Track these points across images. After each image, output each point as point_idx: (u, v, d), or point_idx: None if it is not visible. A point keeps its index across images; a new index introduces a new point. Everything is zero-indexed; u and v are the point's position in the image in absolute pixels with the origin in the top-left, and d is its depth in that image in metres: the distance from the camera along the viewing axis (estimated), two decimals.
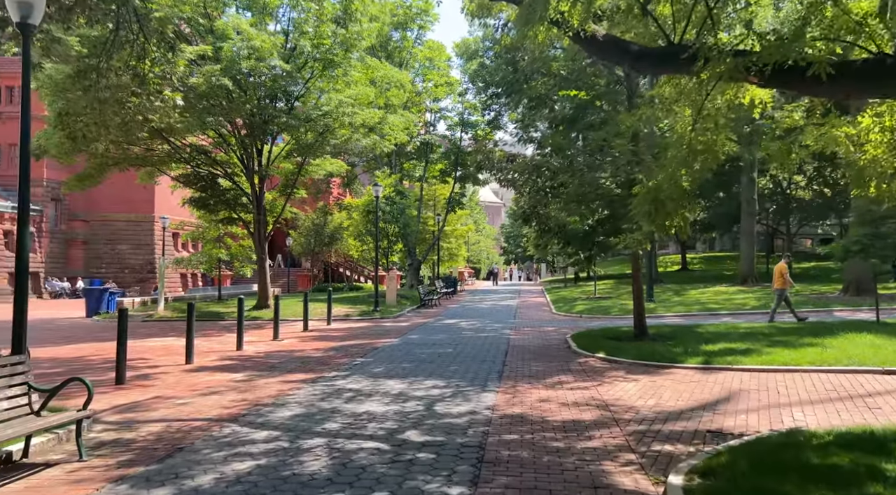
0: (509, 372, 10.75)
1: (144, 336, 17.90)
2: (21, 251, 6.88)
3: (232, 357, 13.26)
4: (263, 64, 18.39)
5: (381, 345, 14.86)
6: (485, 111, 38.73)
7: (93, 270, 45.87)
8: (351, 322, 21.83)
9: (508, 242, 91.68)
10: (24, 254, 6.89)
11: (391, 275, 27.31)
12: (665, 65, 6.55)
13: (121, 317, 9.95)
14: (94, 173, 21.06)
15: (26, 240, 6.91)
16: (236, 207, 24.34)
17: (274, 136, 23.07)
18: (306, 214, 41.39)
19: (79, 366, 12.09)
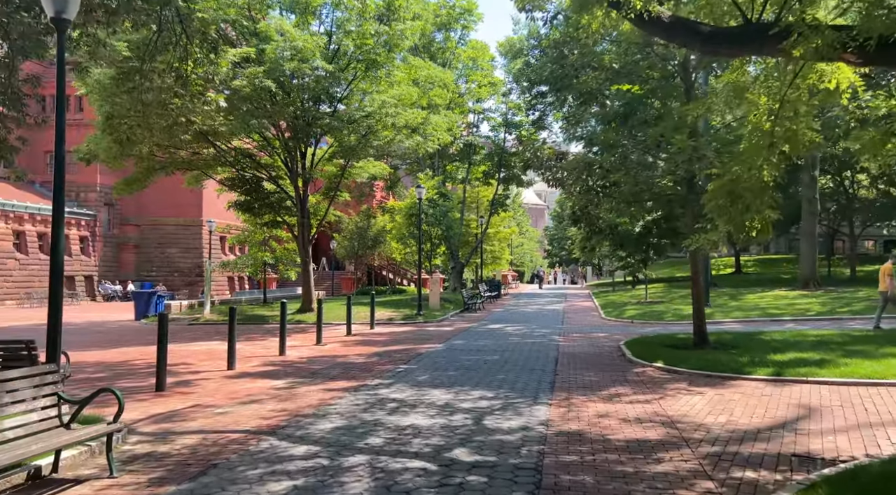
0: (561, 383, 10.12)
1: (190, 339, 17.89)
2: (55, 254, 6.64)
3: (274, 362, 12.99)
4: (306, 65, 18.21)
5: (424, 351, 14.40)
6: (529, 111, 37.95)
7: (143, 273, 46.92)
8: (394, 326, 21.47)
9: (552, 245, 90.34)
10: (59, 257, 6.65)
11: (434, 278, 26.90)
12: (742, 44, 5.87)
13: (161, 322, 9.74)
14: (142, 177, 21.30)
15: (61, 242, 6.67)
16: (280, 210, 24.31)
17: (317, 139, 22.93)
18: (350, 217, 41.42)
19: (123, 370, 12.00)
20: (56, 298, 6.61)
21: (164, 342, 9.66)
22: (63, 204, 6.65)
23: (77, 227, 42.24)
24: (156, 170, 21.16)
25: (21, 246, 37.53)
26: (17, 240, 37.26)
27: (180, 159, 21.42)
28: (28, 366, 7.79)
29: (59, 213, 6.61)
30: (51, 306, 6.60)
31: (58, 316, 6.61)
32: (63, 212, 6.65)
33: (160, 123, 12.15)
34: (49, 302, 6.60)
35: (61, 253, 6.69)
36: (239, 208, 24.61)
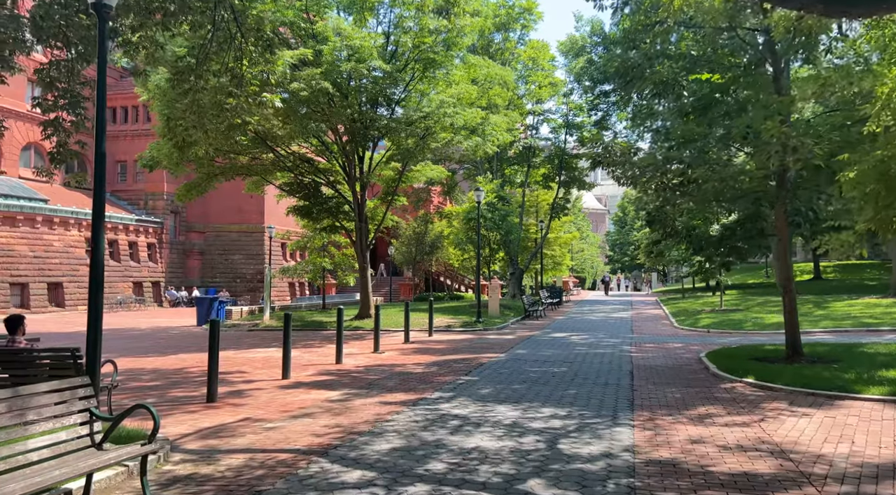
0: (641, 400, 9.11)
1: (248, 346, 17.67)
2: (95, 259, 6.19)
3: (330, 371, 12.46)
4: (364, 65, 17.79)
5: (486, 361, 13.58)
6: (591, 111, 36.71)
7: (208, 279, 47.94)
8: (453, 333, 20.74)
9: (614, 250, 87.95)
10: (99, 263, 6.20)
11: (493, 284, 26.03)
12: None
13: (212, 330, 9.30)
14: (202, 182, 21.40)
15: (101, 244, 6.22)
16: (339, 215, 24.03)
17: (375, 142, 22.53)
18: (407, 223, 41.07)
19: (177, 378, 11.70)
20: (95, 306, 6.17)
21: (215, 351, 9.21)
22: (103, 202, 6.22)
23: (145, 234, 43.52)
24: (215, 175, 21.22)
25: None
26: (88, 247, 38.59)
27: (240, 165, 21.41)
28: (74, 375, 7.44)
29: (98, 213, 6.17)
30: (90, 314, 6.16)
31: (97, 324, 6.17)
32: (103, 212, 6.21)
33: (215, 125, 11.87)
34: (88, 310, 6.17)
35: (101, 258, 6.24)
36: (298, 213, 24.47)
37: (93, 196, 6.21)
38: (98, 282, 6.15)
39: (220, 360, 14.19)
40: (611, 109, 36.23)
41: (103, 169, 6.22)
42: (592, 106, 36.14)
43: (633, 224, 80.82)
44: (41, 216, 34.88)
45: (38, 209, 34.74)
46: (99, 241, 6.19)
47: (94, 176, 6.19)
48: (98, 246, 6.18)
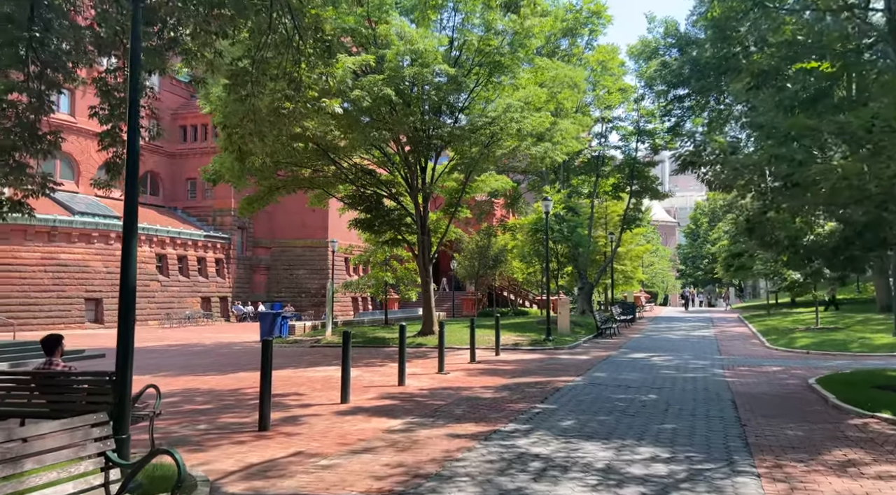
0: (756, 438, 7.68)
1: (308, 363, 16.99)
2: (126, 269, 5.41)
3: (392, 394, 11.49)
4: (428, 69, 16.96)
5: (562, 386, 12.30)
6: (663, 118, 34.87)
7: (273, 294, 48.34)
8: (521, 352, 19.48)
9: (686, 264, 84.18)
10: (130, 271, 5.41)
11: (563, 300, 24.60)
12: None
13: (265, 351, 8.47)
14: (264, 196, 21.08)
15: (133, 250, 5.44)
16: (400, 228, 23.28)
17: (438, 152, 21.69)
18: (470, 236, 40.08)
19: (231, 401, 10.99)
20: (126, 329, 5.37)
21: (267, 373, 8.38)
22: (135, 206, 5.46)
23: (213, 250, 44.25)
24: (277, 188, 20.87)
25: (163, 268, 39.71)
26: (159, 264, 39.46)
27: (301, 177, 20.99)
28: (112, 399, 6.73)
29: (131, 218, 5.40)
30: (120, 338, 5.36)
31: (128, 348, 5.36)
32: (135, 216, 5.45)
33: (272, 132, 11.26)
34: (118, 333, 5.38)
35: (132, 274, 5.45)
36: (360, 226, 23.89)
37: (124, 200, 5.46)
38: (129, 301, 5.37)
39: (277, 380, 13.49)
40: (685, 115, 34.34)
41: (135, 167, 5.47)
42: (665, 111, 34.34)
43: (706, 236, 77.19)
44: (114, 233, 35.83)
45: (112, 226, 35.72)
46: (130, 251, 5.42)
47: (125, 176, 5.45)
48: (129, 256, 5.41)
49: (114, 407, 5.32)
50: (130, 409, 6.52)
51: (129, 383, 5.36)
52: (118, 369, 5.35)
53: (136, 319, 22.05)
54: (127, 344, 5.38)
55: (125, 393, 5.31)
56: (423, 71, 16.93)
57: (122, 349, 5.36)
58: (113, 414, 5.35)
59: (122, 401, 5.27)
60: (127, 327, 5.38)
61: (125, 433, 5.21)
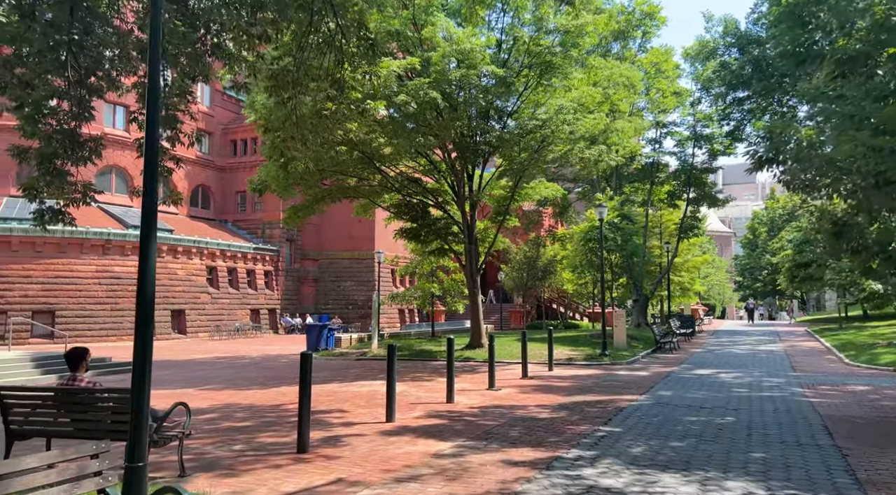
0: (867, 473, 6.58)
1: (354, 377, 16.37)
2: (144, 277, 4.82)
3: (440, 412, 10.71)
4: (474, 71, 16.28)
5: (626, 405, 11.28)
6: (722, 122, 33.33)
7: (321, 306, 48.33)
8: (575, 367, 18.43)
9: (743, 276, 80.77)
10: (148, 279, 4.82)
11: (618, 313, 23.38)
12: None
13: (303, 367, 7.83)
14: (309, 205, 20.73)
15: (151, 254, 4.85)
16: (447, 237, 22.59)
17: (485, 158, 20.94)
18: (518, 247, 39.11)
19: (272, 418, 10.40)
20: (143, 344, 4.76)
21: (306, 392, 7.72)
22: (154, 206, 4.87)
23: (262, 262, 44.54)
24: (322, 198, 20.48)
25: (213, 281, 40.08)
26: (209, 276, 39.85)
27: (347, 186, 20.56)
28: None
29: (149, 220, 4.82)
30: (137, 354, 4.76)
31: (145, 365, 4.75)
32: (154, 217, 4.86)
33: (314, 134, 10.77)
34: (135, 349, 4.78)
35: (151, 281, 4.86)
36: (406, 236, 23.31)
37: (142, 199, 4.88)
38: (146, 311, 4.77)
39: (321, 395, 12.91)
40: (745, 118, 32.74)
41: (155, 163, 4.90)
42: (724, 115, 32.82)
43: (764, 246, 73.96)
44: (166, 246, 36.34)
45: (163, 239, 36.23)
46: (149, 256, 4.83)
47: (143, 173, 4.89)
48: (147, 261, 4.82)
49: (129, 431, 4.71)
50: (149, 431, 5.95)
51: (145, 403, 4.75)
52: (134, 387, 4.75)
53: (187, 330, 21.79)
54: (144, 358, 4.78)
55: (141, 415, 4.69)
56: (470, 73, 16.24)
57: (139, 364, 4.76)
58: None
59: (138, 424, 4.66)
60: (144, 340, 4.79)
61: (141, 460, 4.59)
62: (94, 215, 35.34)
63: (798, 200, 53.02)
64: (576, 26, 17.14)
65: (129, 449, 4.65)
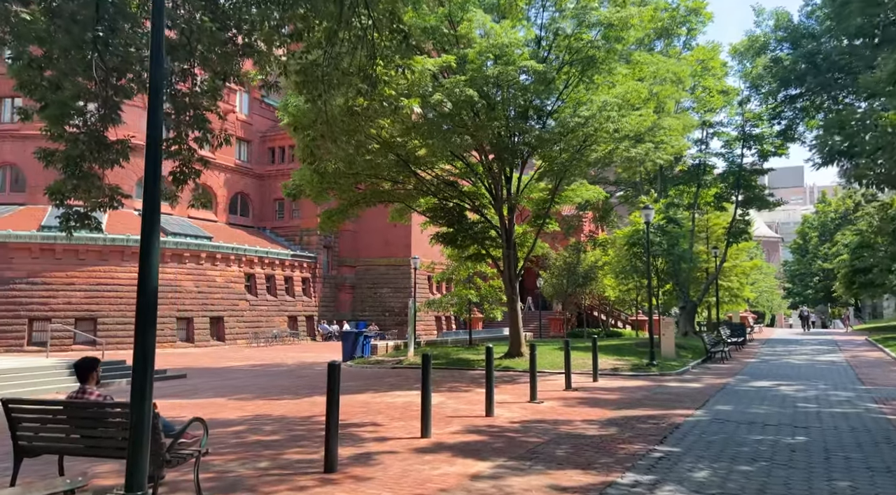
0: None
1: (389, 386, 15.78)
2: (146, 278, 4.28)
3: (479, 427, 9.99)
4: (512, 67, 15.59)
5: (682, 421, 10.37)
6: (772, 121, 31.87)
7: (358, 313, 48.09)
8: (621, 378, 17.46)
9: (793, 282, 77.66)
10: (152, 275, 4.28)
11: (667, 321, 22.26)
12: None
13: (331, 378, 7.23)
14: (344, 209, 20.31)
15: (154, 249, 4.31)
16: (484, 242, 21.87)
17: (524, 160, 20.19)
18: (557, 253, 38.12)
19: (301, 431, 9.85)
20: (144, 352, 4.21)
21: (334, 407, 7.13)
22: (157, 197, 4.33)
23: (300, 269, 44.54)
24: (357, 202, 20.03)
25: (251, 288, 40.17)
26: (247, 283, 39.95)
27: (381, 190, 20.07)
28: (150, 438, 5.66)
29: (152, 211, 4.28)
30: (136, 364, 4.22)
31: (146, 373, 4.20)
32: (157, 208, 4.32)
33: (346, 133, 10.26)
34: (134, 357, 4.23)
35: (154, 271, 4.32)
36: (442, 240, 22.69)
37: (143, 188, 4.34)
38: (147, 314, 4.23)
39: (354, 406, 12.32)
40: (797, 117, 31.28)
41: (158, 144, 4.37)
42: (774, 114, 31.44)
43: (816, 251, 71.04)
44: (205, 253, 36.55)
45: (202, 246, 36.47)
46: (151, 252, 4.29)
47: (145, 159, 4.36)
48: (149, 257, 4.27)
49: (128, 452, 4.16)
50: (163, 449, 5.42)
51: (146, 421, 4.19)
52: (134, 401, 4.20)
53: (225, 337, 21.37)
54: (146, 369, 4.22)
55: (141, 434, 4.13)
56: (508, 69, 15.55)
57: (140, 375, 4.21)
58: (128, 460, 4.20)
59: (138, 445, 4.10)
60: (145, 349, 4.23)
61: (140, 489, 4.02)
62: (135, 223, 35.80)
63: (851, 203, 50.29)
64: (620, 19, 16.30)
65: (128, 476, 4.10)
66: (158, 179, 4.36)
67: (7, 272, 30.55)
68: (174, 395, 14.42)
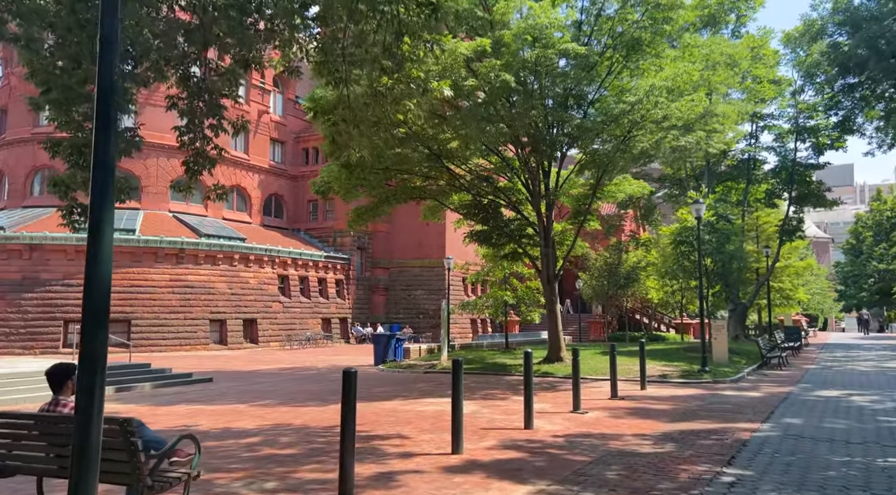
0: None
1: (420, 393, 14.84)
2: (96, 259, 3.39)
3: (517, 442, 8.95)
4: (552, 51, 14.49)
5: (748, 437, 9.14)
6: (829, 112, 29.93)
7: (392, 315, 47.37)
8: (672, 386, 16.16)
9: (846, 284, 74.09)
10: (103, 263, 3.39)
11: (718, 324, 20.77)
12: None
13: (346, 384, 6.28)
14: (374, 207, 19.46)
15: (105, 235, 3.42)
16: (521, 240, 20.74)
17: (563, 153, 19.02)
18: (597, 253, 36.67)
19: (321, 443, 8.96)
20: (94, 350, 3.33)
21: (349, 424, 6.15)
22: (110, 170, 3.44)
23: (333, 271, 44.05)
24: (388, 199, 19.16)
25: (285, 289, 39.79)
26: (281, 285, 39.58)
27: (412, 186, 19.16)
28: (126, 459, 4.80)
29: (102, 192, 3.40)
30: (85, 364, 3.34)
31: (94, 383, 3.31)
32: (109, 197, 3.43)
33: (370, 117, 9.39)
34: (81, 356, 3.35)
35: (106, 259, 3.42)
36: (477, 239, 21.65)
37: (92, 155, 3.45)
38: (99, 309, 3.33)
39: (381, 414, 11.37)
40: (856, 107, 29.30)
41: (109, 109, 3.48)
42: (831, 104, 29.49)
43: (870, 252, 67.60)
44: (238, 254, 36.28)
45: (235, 247, 36.20)
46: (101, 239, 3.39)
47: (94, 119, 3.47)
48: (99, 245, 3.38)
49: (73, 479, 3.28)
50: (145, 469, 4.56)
51: (94, 439, 3.29)
52: (79, 416, 3.31)
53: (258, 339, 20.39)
54: (94, 378, 3.33)
55: (86, 459, 3.24)
56: (547, 52, 14.46)
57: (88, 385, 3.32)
58: None
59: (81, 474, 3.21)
60: (94, 356, 3.34)
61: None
62: (168, 224, 35.77)
63: None
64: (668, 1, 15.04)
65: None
66: (111, 143, 3.47)
67: (43, 274, 30.69)
68: (195, 401, 13.74)
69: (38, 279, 30.58)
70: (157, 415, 11.65)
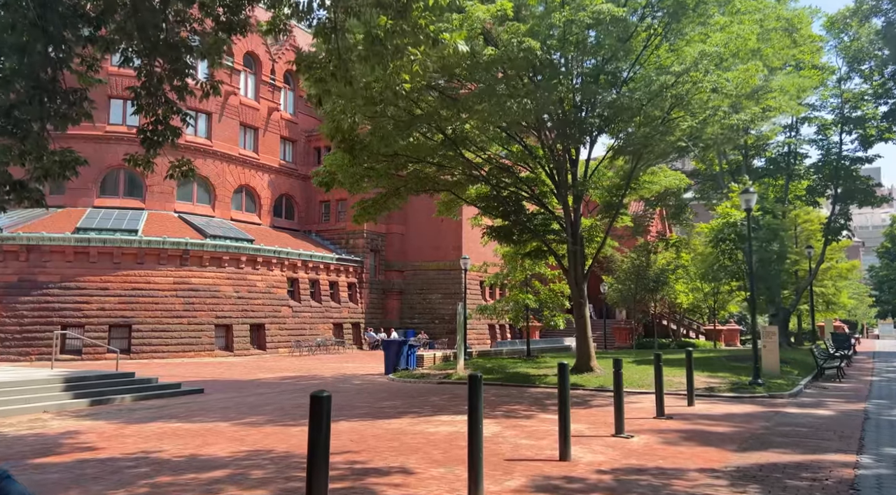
0: None
1: (432, 409, 12.90)
2: None
3: (552, 480, 6.98)
4: (584, 13, 12.53)
5: (850, 476, 7.09)
6: (878, 100, 27.57)
7: (407, 320, 45.47)
8: (722, 402, 14.04)
9: (881, 289, 70.74)
10: None
11: (769, 330, 18.53)
12: None
13: (314, 418, 4.38)
14: (380, 200, 17.58)
15: None
16: (546, 236, 18.74)
17: (593, 138, 17.01)
18: (624, 255, 34.52)
19: (299, 480, 7.05)
20: None
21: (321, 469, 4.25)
22: None
23: (345, 274, 42.31)
24: (397, 191, 17.28)
25: (295, 293, 38.09)
26: (290, 288, 37.88)
27: (425, 176, 17.25)
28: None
29: None
30: None
31: None
32: None
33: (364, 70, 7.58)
34: None
35: None
36: (496, 236, 19.68)
37: None
38: None
39: (384, 437, 9.36)
40: None
41: None
42: (881, 92, 27.14)
43: None
44: (245, 256, 34.66)
45: (242, 249, 34.59)
46: None
47: None
48: None
49: None
50: None
51: None
52: None
53: (266, 346, 17.81)
54: None
55: None
56: (579, 15, 12.50)
57: None
58: None
59: None
60: None
61: None
62: (173, 225, 34.22)
63: None
64: None
65: None
66: None
67: (41, 276, 29.28)
68: (174, 416, 11.95)
69: (35, 281, 29.16)
70: (120, 436, 9.85)
